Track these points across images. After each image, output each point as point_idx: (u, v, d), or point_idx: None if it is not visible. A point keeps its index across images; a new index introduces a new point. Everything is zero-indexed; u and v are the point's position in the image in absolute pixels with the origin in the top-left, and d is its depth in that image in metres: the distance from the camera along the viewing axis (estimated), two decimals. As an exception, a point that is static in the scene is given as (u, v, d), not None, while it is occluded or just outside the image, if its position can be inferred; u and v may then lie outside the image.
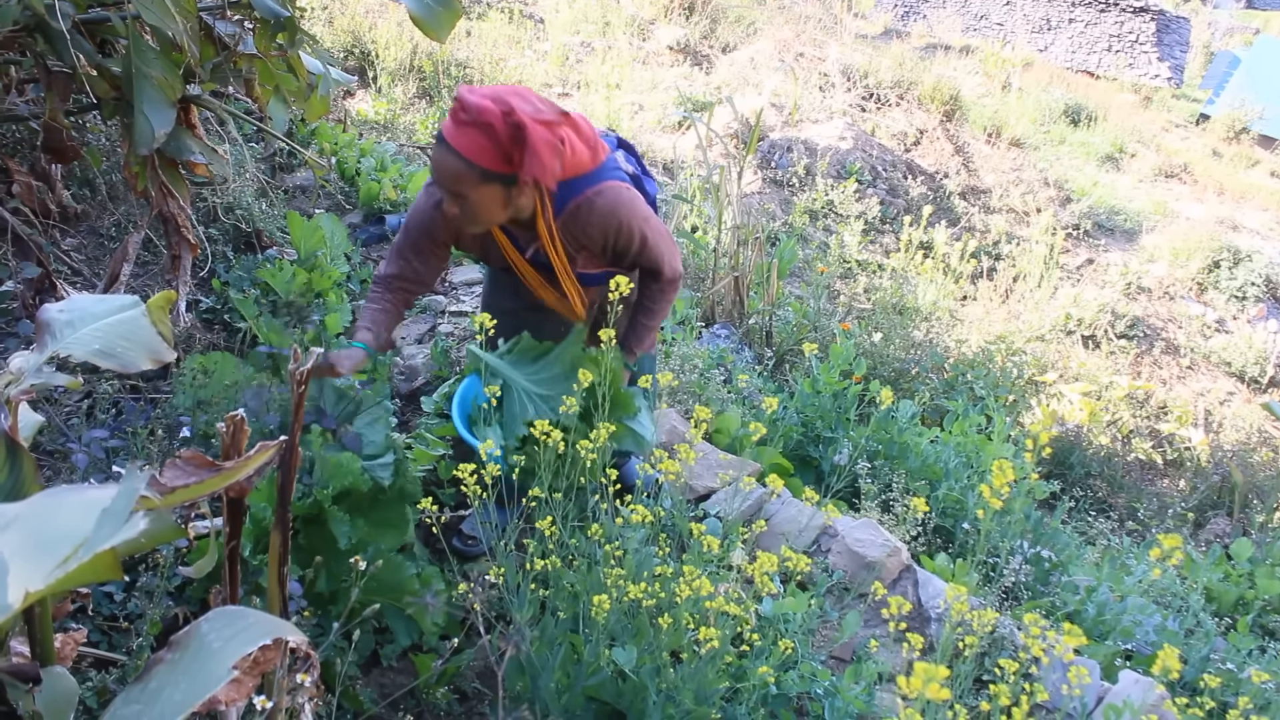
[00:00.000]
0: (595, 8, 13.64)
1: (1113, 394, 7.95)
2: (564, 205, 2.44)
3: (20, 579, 0.90)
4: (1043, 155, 14.27)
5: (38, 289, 3.29)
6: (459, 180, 2.20)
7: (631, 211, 2.48)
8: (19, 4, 2.75)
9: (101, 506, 0.97)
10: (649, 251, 2.56)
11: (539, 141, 2.14)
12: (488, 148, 2.14)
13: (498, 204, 2.27)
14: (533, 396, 2.54)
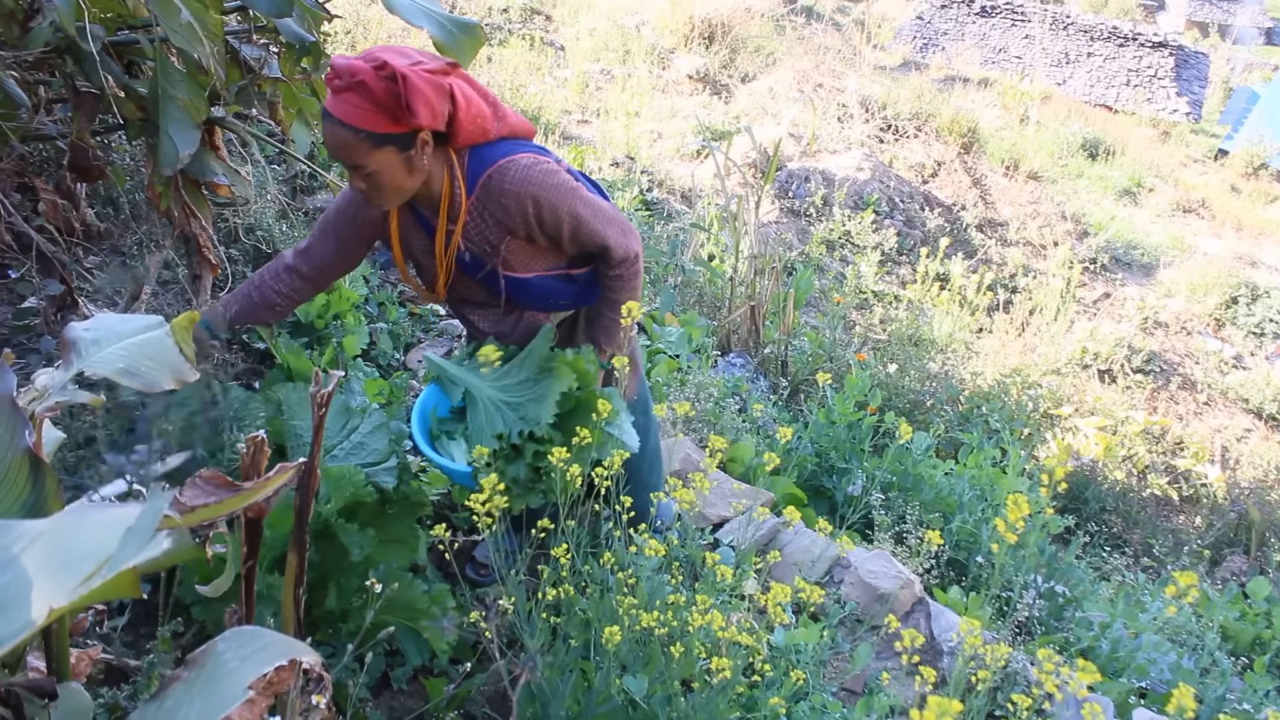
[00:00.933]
0: (616, 36, 13.74)
1: (1128, 429, 7.92)
2: (476, 179, 2.27)
3: (44, 595, 0.91)
4: (1060, 189, 14.28)
5: (59, 306, 3.32)
6: (351, 151, 2.08)
7: (550, 181, 2.27)
8: (51, 26, 2.79)
9: (125, 525, 0.98)
10: (586, 229, 2.33)
11: (419, 84, 2.01)
12: (368, 109, 2.02)
13: (400, 170, 2.13)
14: (499, 405, 2.42)
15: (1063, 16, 25.04)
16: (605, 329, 2.54)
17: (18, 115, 3.17)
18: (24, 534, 0.99)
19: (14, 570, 0.94)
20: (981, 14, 25.38)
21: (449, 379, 2.54)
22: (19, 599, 0.91)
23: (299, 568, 1.60)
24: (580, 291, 2.55)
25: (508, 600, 2.12)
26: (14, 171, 3.37)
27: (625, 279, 2.45)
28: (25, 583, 0.93)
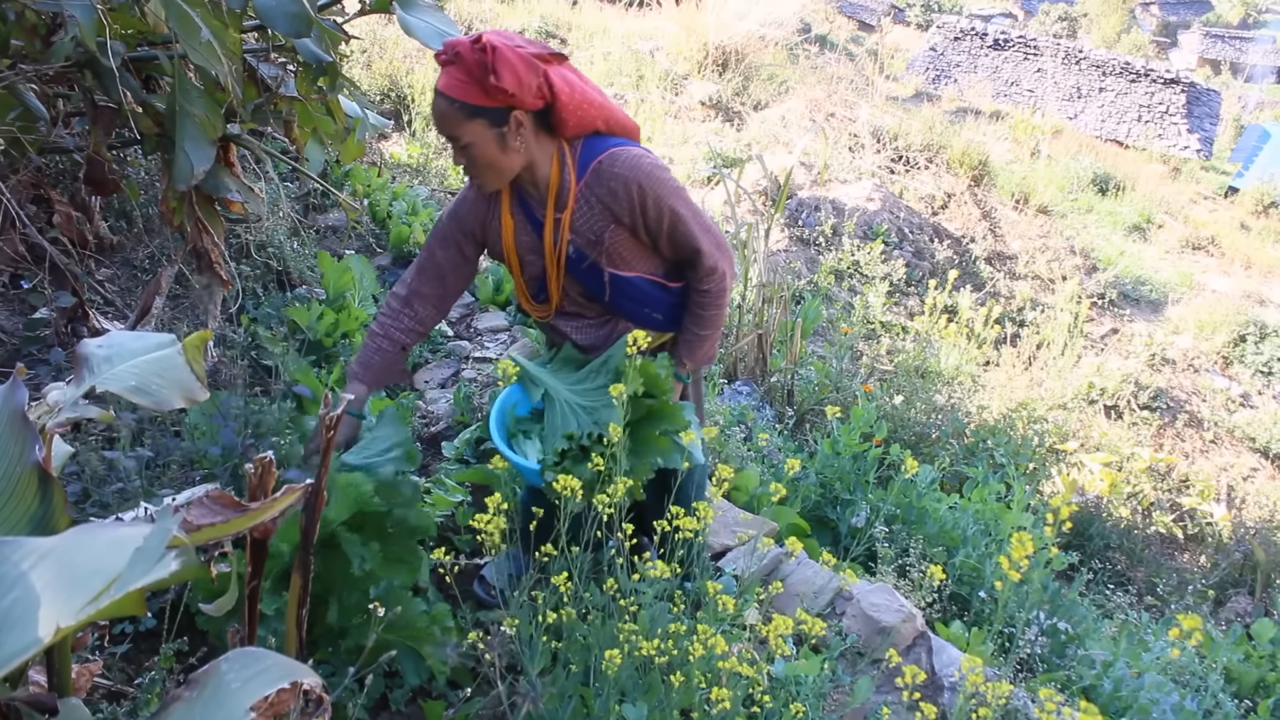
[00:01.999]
0: (630, 61, 13.81)
1: (1134, 465, 7.90)
2: (586, 166, 2.34)
3: (51, 613, 0.92)
4: (1070, 223, 14.29)
5: (70, 317, 3.34)
6: (447, 121, 2.20)
7: (658, 174, 2.33)
8: (72, 41, 2.82)
9: (133, 545, 0.98)
10: (684, 229, 2.38)
11: (507, 55, 2.10)
12: (463, 79, 2.14)
13: (493, 144, 2.22)
14: (575, 408, 2.46)
15: (1075, 51, 25.13)
16: (688, 343, 2.58)
17: (36, 128, 3.20)
18: (32, 551, 0.99)
19: (22, 587, 0.95)
20: (994, 47, 25.48)
21: (530, 379, 2.59)
22: (26, 616, 0.91)
23: (303, 589, 1.61)
24: (672, 306, 2.58)
25: (509, 623, 2.11)
26: (30, 183, 3.39)
27: (713, 294, 2.49)
28: (33, 600, 0.93)
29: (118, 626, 2.40)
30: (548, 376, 2.54)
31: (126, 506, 2.50)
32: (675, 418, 2.41)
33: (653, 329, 2.63)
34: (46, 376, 3.11)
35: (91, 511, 2.54)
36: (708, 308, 2.51)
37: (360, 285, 4.51)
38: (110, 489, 2.62)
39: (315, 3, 3.14)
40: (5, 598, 0.93)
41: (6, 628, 0.91)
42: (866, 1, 34.95)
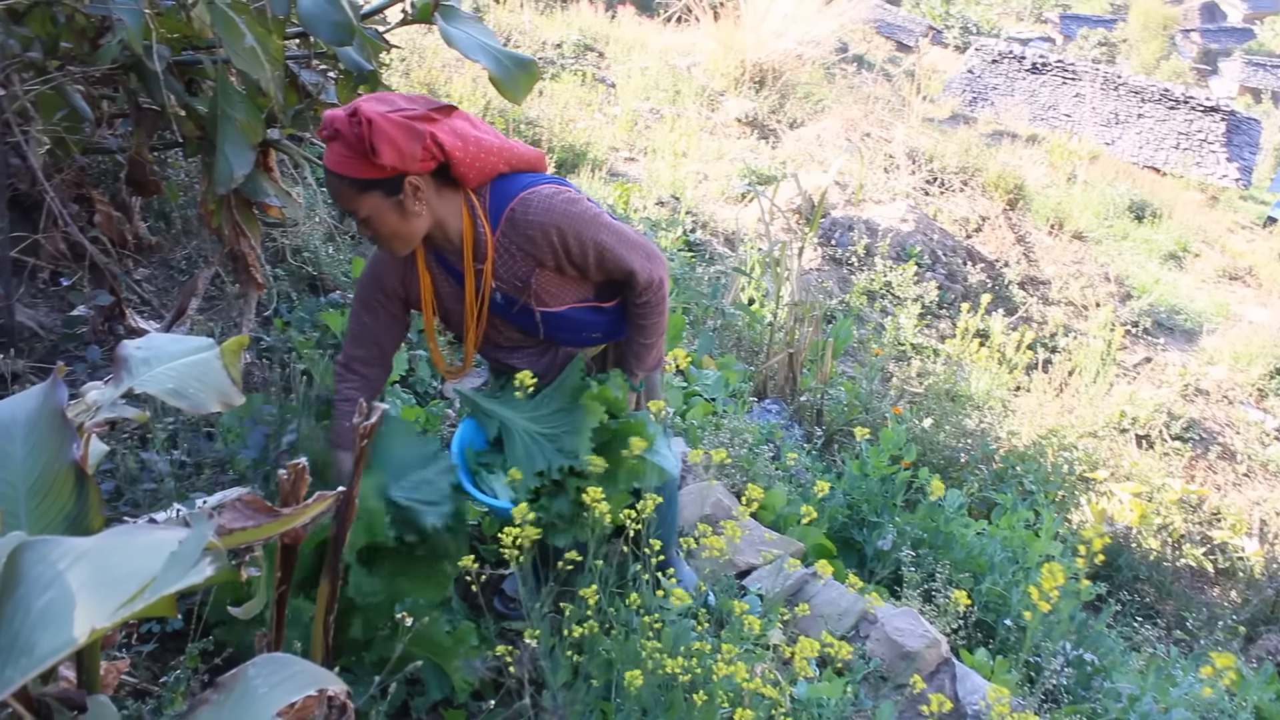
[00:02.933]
0: (667, 76, 13.84)
1: (1165, 496, 7.81)
2: (499, 214, 2.30)
3: (86, 614, 0.92)
4: (1105, 250, 14.19)
5: (107, 316, 3.37)
6: (342, 197, 2.16)
7: (573, 210, 2.29)
8: (119, 44, 2.86)
9: (169, 549, 0.99)
10: (611, 256, 2.33)
11: (383, 127, 2.03)
12: (347, 155, 2.08)
13: (392, 214, 2.17)
14: (535, 438, 2.42)
15: (1114, 77, 25.00)
16: (636, 354, 2.56)
17: (81, 128, 3.24)
18: (69, 551, 1.00)
19: (58, 587, 0.95)
20: (1032, 70, 25.37)
21: (483, 412, 2.55)
22: (62, 616, 0.92)
23: (331, 596, 1.61)
24: (611, 323, 2.57)
25: (531, 635, 2.11)
26: (73, 182, 3.43)
27: (652, 304, 2.46)
28: (69, 600, 0.94)
29: (145, 625, 2.41)
30: (501, 408, 2.50)
31: (158, 507, 2.52)
32: (641, 435, 2.36)
33: (594, 344, 2.64)
34: (83, 374, 3.14)
35: (123, 510, 2.56)
36: (649, 317, 2.49)
37: (393, 292, 4.53)
38: (142, 488, 2.65)
39: (358, 11, 3.16)
40: (42, 597, 0.94)
41: (42, 627, 0.91)
42: (904, 22, 34.88)
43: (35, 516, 1.34)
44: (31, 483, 1.37)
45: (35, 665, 0.89)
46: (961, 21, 40.72)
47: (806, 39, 15.15)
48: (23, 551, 0.99)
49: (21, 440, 1.41)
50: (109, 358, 3.21)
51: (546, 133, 9.94)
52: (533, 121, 10.04)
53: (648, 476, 2.36)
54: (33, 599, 0.94)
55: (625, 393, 2.45)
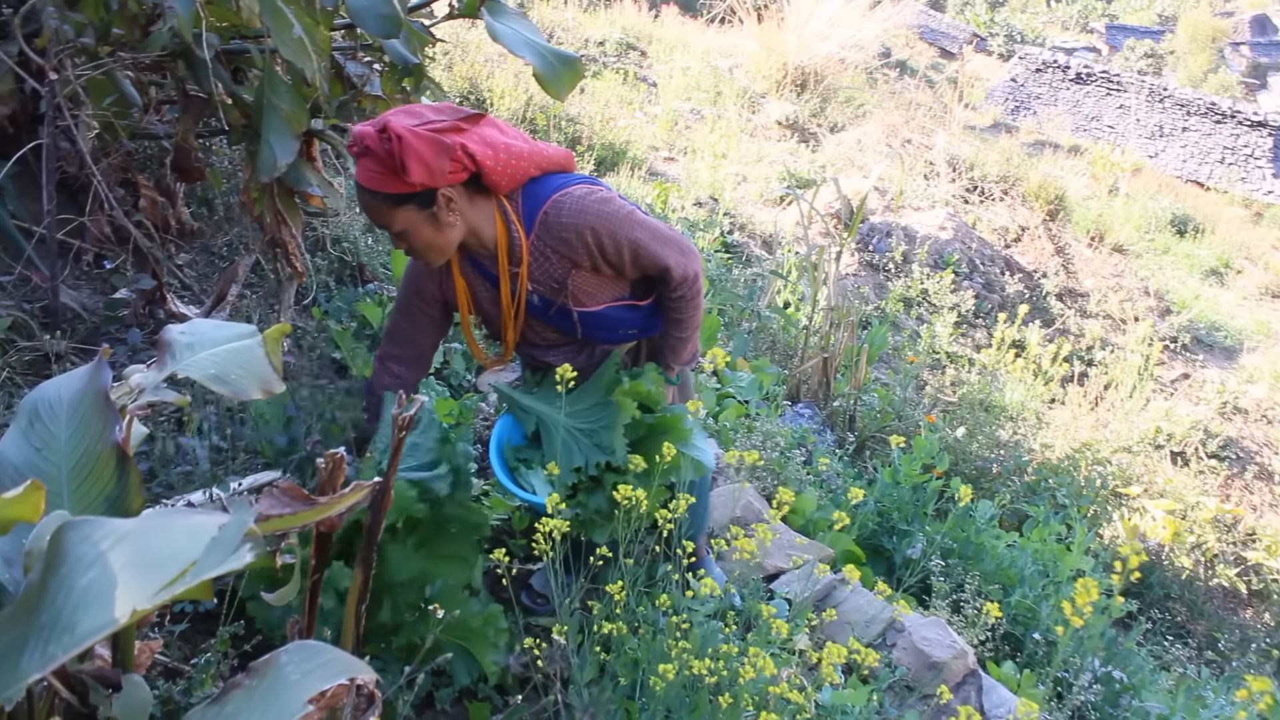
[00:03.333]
0: (708, 77, 13.83)
1: (1199, 515, 7.72)
2: (533, 218, 2.31)
3: (127, 595, 0.93)
4: (1145, 263, 14.05)
5: (149, 300, 3.41)
6: (376, 213, 2.18)
7: (606, 209, 2.29)
8: (169, 31, 2.89)
9: (209, 533, 1.00)
10: (646, 253, 2.34)
11: (412, 143, 2.04)
12: (377, 171, 2.10)
13: (426, 227, 2.20)
14: (573, 433, 2.44)
15: (1160, 89, 24.71)
16: (671, 348, 2.57)
17: (130, 114, 3.28)
18: (112, 532, 1.01)
19: (100, 567, 0.96)
20: (1076, 81, 25.15)
21: (520, 408, 2.57)
22: (104, 596, 0.93)
23: (363, 585, 1.62)
24: (647, 318, 2.57)
25: (559, 630, 2.12)
26: (120, 167, 3.47)
27: (687, 299, 2.46)
28: (110, 581, 0.95)
29: (177, 606, 2.43)
30: (538, 403, 2.52)
31: (191, 489, 2.54)
32: (678, 430, 2.39)
33: (631, 341, 2.65)
34: (123, 356, 3.17)
35: (157, 491, 2.59)
36: (684, 311, 2.49)
37: (430, 285, 4.55)
38: (177, 470, 2.67)
39: (405, 5, 3.18)
40: (85, 576, 0.95)
41: (84, 606, 0.92)
42: (949, 29, 34.65)
43: (77, 497, 1.36)
44: (74, 463, 1.39)
45: (76, 644, 0.90)
46: (1006, 29, 40.42)
47: (850, 43, 15.10)
48: (67, 531, 1.00)
49: (65, 421, 1.43)
50: (149, 341, 3.24)
51: (587, 130, 9.96)
52: (574, 119, 10.06)
53: (684, 470, 2.37)
54: (76, 578, 0.96)
55: (660, 387, 2.46)
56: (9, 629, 0.95)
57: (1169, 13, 53.71)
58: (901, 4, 17.41)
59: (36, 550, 1.13)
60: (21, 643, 0.93)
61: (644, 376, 2.45)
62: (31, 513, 1.04)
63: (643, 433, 2.40)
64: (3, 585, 1.35)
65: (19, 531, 1.31)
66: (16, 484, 1.04)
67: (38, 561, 1.01)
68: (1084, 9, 55.13)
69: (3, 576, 1.35)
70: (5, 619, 0.97)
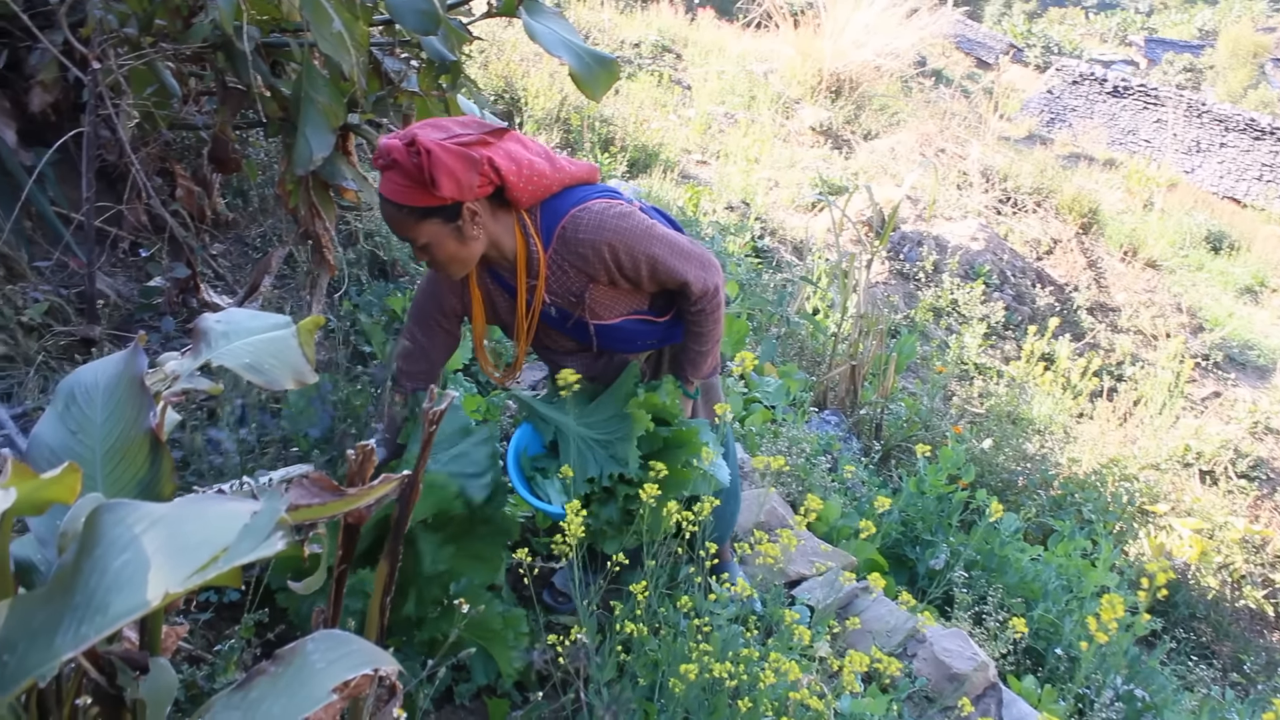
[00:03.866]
0: (743, 81, 13.82)
1: (1227, 535, 7.64)
2: (551, 232, 2.31)
3: (160, 578, 0.94)
4: (1178, 279, 13.93)
5: (183, 288, 3.44)
6: (400, 225, 2.18)
7: (624, 225, 2.29)
8: (211, 24, 2.91)
9: (241, 520, 1.01)
10: (664, 268, 2.33)
11: (442, 158, 2.05)
12: (406, 185, 2.09)
13: (451, 240, 2.20)
14: (589, 443, 2.45)
15: (1198, 104, 24.50)
16: (692, 360, 2.55)
17: (169, 104, 3.31)
18: (145, 516, 1.03)
19: (134, 550, 0.98)
20: (1113, 94, 24.97)
21: (539, 416, 2.58)
22: (137, 579, 0.94)
23: (389, 577, 1.63)
24: (665, 331, 2.58)
25: (579, 630, 2.12)
26: (158, 156, 3.50)
27: (707, 312, 2.45)
28: (144, 563, 0.96)
29: (203, 594, 2.46)
30: (556, 413, 2.52)
31: (223, 479, 2.57)
32: (693, 444, 2.39)
33: (649, 350, 2.65)
34: (156, 344, 3.21)
35: (189, 480, 2.62)
36: (704, 324, 2.48)
37: (461, 281, 4.58)
38: (208, 460, 2.70)
39: (444, 2, 3.19)
40: (119, 558, 0.96)
41: (118, 588, 0.94)
42: (985, 39, 34.49)
43: (111, 480, 1.38)
44: (108, 447, 1.40)
45: (109, 624, 0.91)
46: (1044, 41, 40.20)
47: (886, 51, 15.06)
48: (102, 513, 1.02)
49: (101, 405, 1.44)
50: (182, 329, 3.27)
51: (620, 132, 9.97)
52: (607, 120, 10.07)
53: (699, 485, 2.37)
54: (110, 560, 0.97)
55: (676, 400, 2.46)
56: (43, 608, 0.96)
57: (1209, 27, 53.28)
58: (938, 13, 17.35)
59: (71, 531, 1.15)
60: (55, 621, 0.94)
61: (660, 389, 2.45)
62: (68, 494, 1.06)
63: (658, 445, 2.40)
64: (35, 565, 1.36)
65: (54, 513, 1.32)
66: (52, 466, 1.05)
67: (72, 542, 1.02)
68: (1123, 22, 54.78)
69: (36, 557, 1.37)
70: (40, 598, 0.98)
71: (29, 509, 1.08)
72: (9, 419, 2.56)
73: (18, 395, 2.85)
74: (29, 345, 2.99)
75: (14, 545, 1.36)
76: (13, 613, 0.98)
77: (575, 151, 9.30)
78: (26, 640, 0.94)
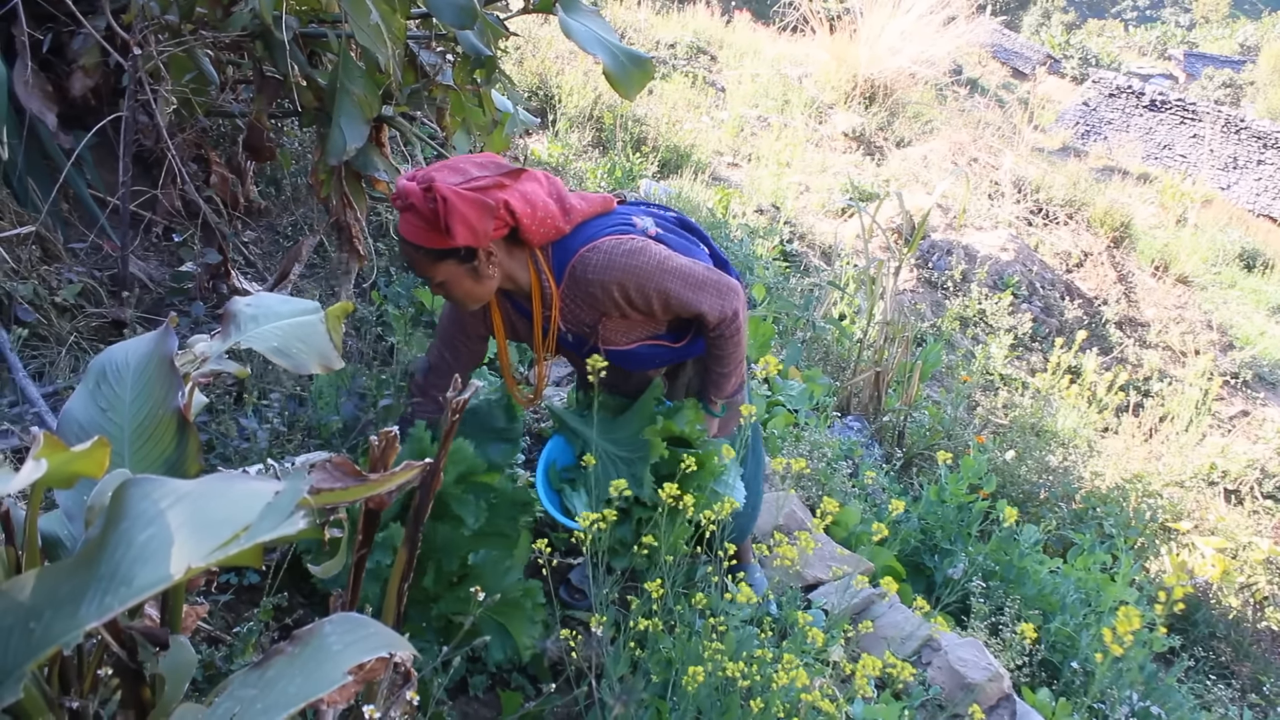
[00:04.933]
0: (777, 84, 13.80)
1: (1250, 555, 7.57)
2: (562, 269, 2.35)
3: (183, 553, 0.96)
4: (1209, 296, 13.80)
5: (214, 274, 3.48)
6: (417, 264, 2.23)
7: (633, 262, 2.29)
8: (250, 13, 2.95)
9: (264, 499, 1.03)
10: (677, 301, 2.35)
11: (457, 206, 2.09)
12: (421, 227, 2.15)
13: (467, 279, 2.26)
14: (614, 459, 2.49)
15: (1237, 120, 24.23)
16: (714, 382, 2.58)
17: (207, 91, 3.35)
18: (171, 491, 1.05)
19: (159, 525, 1.00)
20: (1150, 108, 24.76)
21: (570, 429, 2.62)
22: (161, 553, 0.96)
23: (408, 563, 1.65)
24: (683, 352, 2.60)
25: (596, 622, 2.14)
26: (194, 143, 3.54)
27: (726, 337, 2.47)
28: (168, 538, 0.98)
29: (224, 576, 2.49)
30: (584, 427, 2.57)
31: (248, 464, 2.60)
32: (710, 466, 2.42)
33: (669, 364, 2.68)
34: (186, 328, 3.25)
35: (215, 463, 2.65)
36: (725, 349, 2.50)
37: (488, 276, 4.59)
38: (233, 444, 2.73)
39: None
40: (144, 532, 0.98)
41: (142, 561, 0.96)
42: (1022, 49, 34.25)
43: (138, 458, 1.40)
44: (137, 425, 1.43)
45: (133, 596, 0.93)
46: (1081, 52, 39.89)
47: (921, 58, 14.98)
48: (129, 488, 1.04)
49: (131, 384, 1.47)
50: (212, 314, 3.31)
51: (653, 132, 9.97)
52: (640, 120, 10.08)
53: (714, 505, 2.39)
54: (135, 533, 0.99)
55: (694, 425, 2.49)
56: (70, 578, 0.98)
57: (1251, 42, 52.72)
58: (975, 22, 17.27)
59: (99, 505, 1.17)
60: (81, 591, 0.96)
61: (679, 415, 2.48)
62: (96, 469, 1.08)
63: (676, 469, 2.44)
64: (62, 540, 1.39)
65: (82, 488, 1.35)
66: (82, 441, 1.08)
67: (99, 516, 1.05)
68: (1163, 35, 54.32)
69: (63, 533, 1.40)
70: (66, 568, 1.00)
71: (59, 481, 1.10)
72: (39, 397, 2.60)
73: (49, 374, 2.89)
74: (61, 326, 3.04)
75: (41, 521, 1.38)
76: (40, 582, 1.01)
77: (607, 150, 9.32)
78: (53, 609, 0.96)
